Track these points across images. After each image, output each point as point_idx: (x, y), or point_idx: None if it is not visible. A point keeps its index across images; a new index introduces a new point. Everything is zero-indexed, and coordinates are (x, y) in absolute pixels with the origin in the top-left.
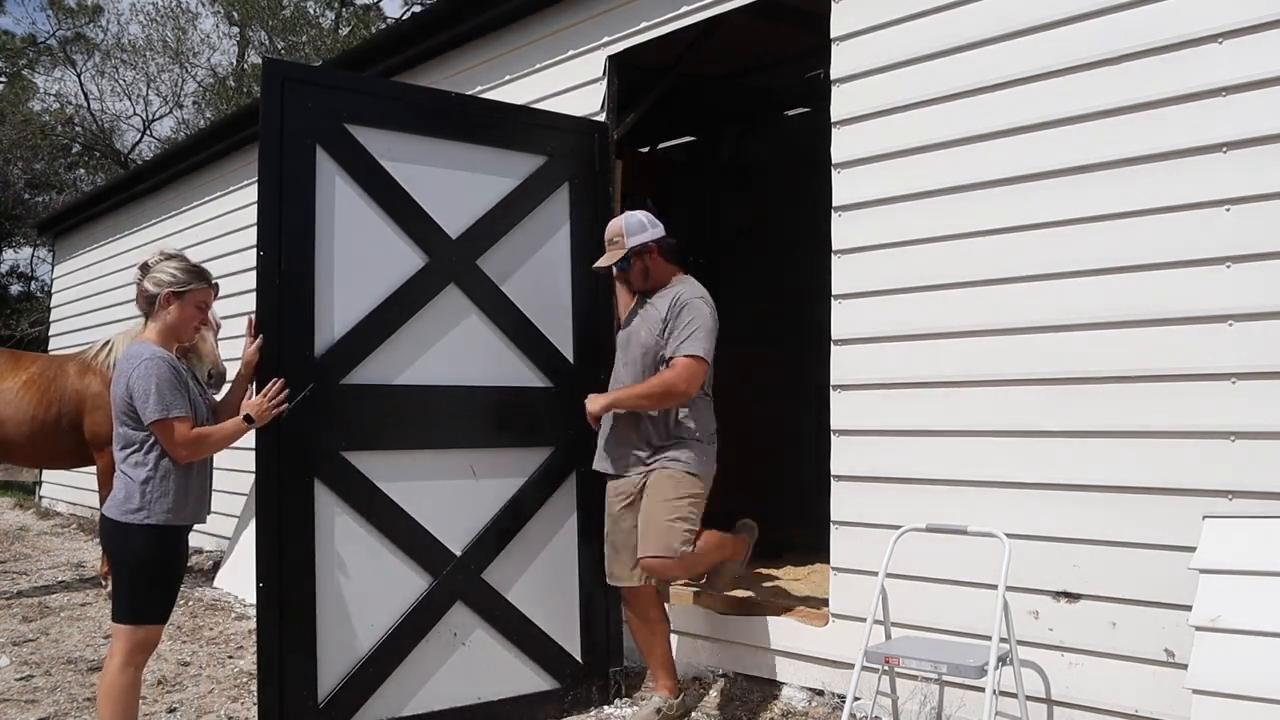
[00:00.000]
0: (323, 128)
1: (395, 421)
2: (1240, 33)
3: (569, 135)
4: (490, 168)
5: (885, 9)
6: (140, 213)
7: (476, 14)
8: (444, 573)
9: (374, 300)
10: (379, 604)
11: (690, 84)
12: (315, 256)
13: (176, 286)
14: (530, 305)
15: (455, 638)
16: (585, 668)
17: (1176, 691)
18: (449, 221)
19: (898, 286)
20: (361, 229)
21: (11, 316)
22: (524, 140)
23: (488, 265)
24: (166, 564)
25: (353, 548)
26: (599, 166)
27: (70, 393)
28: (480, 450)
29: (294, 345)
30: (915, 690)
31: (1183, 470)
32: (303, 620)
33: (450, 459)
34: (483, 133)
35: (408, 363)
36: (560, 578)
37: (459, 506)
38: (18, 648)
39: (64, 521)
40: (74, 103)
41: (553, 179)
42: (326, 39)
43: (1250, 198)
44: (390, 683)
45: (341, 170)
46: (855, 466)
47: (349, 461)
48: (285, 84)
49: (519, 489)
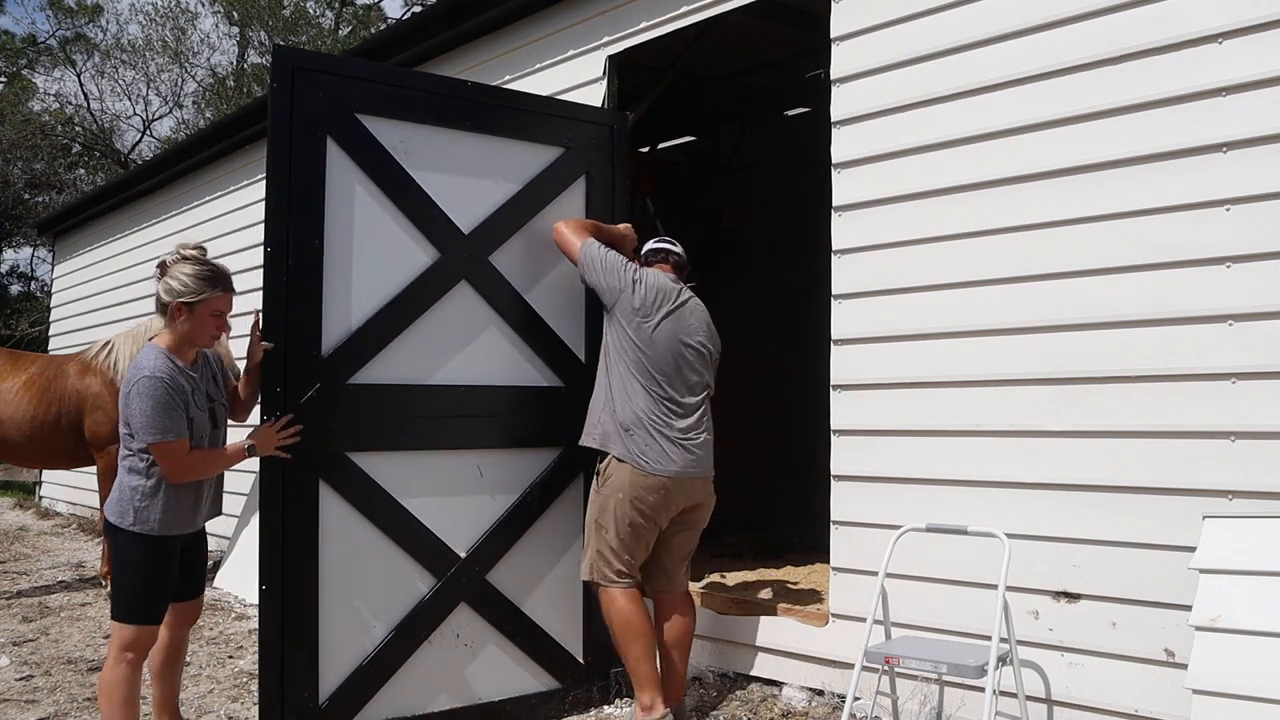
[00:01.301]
0: (334, 118)
1: (402, 422)
2: (1240, 33)
3: (587, 126)
4: (506, 159)
5: (885, 9)
6: (140, 213)
7: (476, 14)
8: (448, 574)
9: (384, 298)
10: (382, 605)
11: (690, 84)
12: (324, 253)
13: (188, 297)
14: (542, 302)
15: (458, 639)
16: (587, 668)
17: (1176, 691)
18: (462, 216)
19: (898, 286)
20: (373, 224)
21: (11, 316)
22: (541, 131)
23: (501, 261)
24: (157, 570)
25: (357, 549)
26: (616, 159)
27: (70, 393)
28: (488, 451)
29: (300, 344)
30: (915, 690)
31: (1183, 470)
32: (305, 620)
33: (457, 459)
34: (499, 123)
35: (416, 362)
36: (564, 578)
37: (465, 508)
38: (18, 648)
39: (64, 521)
40: (74, 103)
41: (570, 171)
42: (327, 39)
43: (1250, 198)
44: (392, 683)
45: (353, 163)
46: (855, 466)
47: (354, 462)
48: (296, 73)
49: (526, 490)
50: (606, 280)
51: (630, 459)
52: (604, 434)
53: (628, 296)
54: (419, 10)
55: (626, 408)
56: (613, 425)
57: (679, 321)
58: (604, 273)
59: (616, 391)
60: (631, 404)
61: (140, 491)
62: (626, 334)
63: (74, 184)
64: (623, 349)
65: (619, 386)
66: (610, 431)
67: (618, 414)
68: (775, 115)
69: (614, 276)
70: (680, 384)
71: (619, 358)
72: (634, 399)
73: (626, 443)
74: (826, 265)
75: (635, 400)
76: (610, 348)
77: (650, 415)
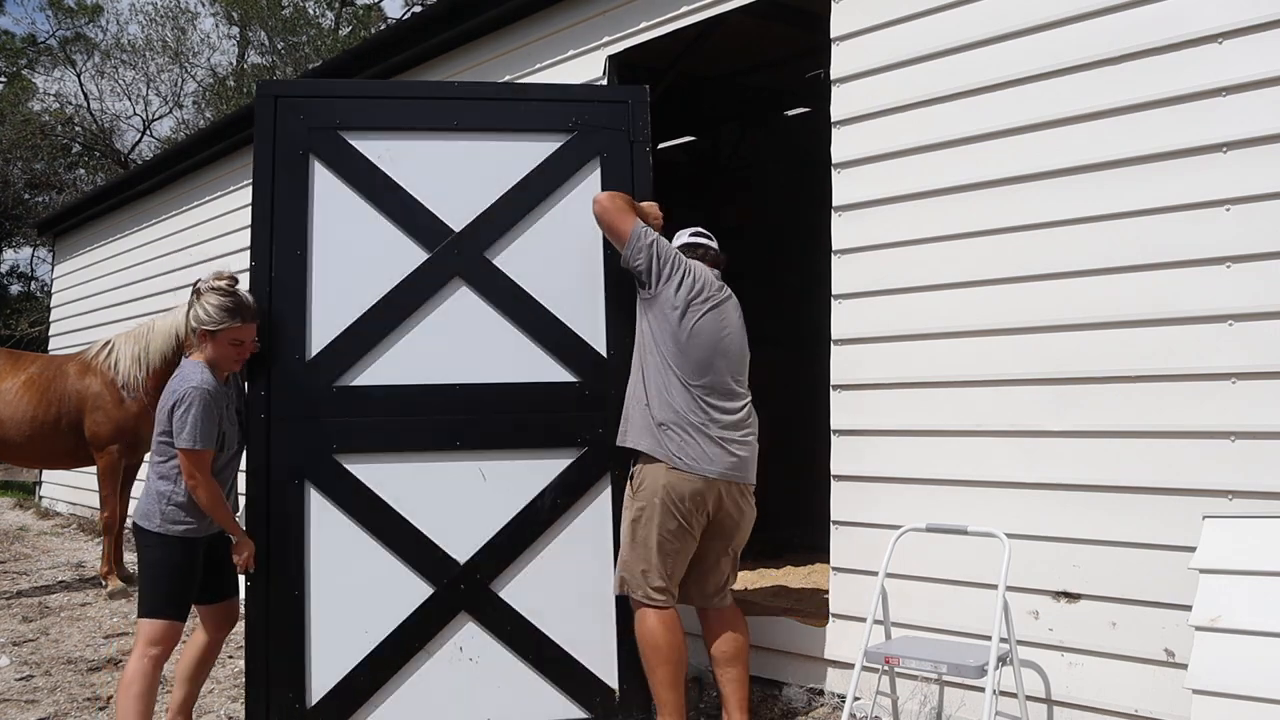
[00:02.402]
0: (317, 139)
1: (394, 424)
2: (1240, 33)
3: (597, 107)
4: (501, 156)
5: (885, 9)
6: (140, 213)
7: (476, 14)
8: (445, 582)
9: (370, 301)
10: (374, 612)
11: (690, 84)
12: (309, 264)
13: (210, 325)
14: (554, 296)
15: (461, 653)
16: (622, 697)
17: (1176, 691)
18: (453, 216)
19: (898, 286)
20: (359, 232)
21: (11, 316)
22: (537, 119)
23: (500, 256)
24: (181, 567)
25: (346, 552)
26: (635, 137)
27: (70, 393)
28: (490, 452)
29: (284, 349)
30: (915, 690)
31: (1183, 470)
32: (291, 623)
33: (457, 462)
34: (487, 120)
35: (406, 363)
36: (594, 594)
37: (467, 514)
38: (18, 648)
39: (64, 521)
40: (74, 103)
41: (579, 157)
42: (327, 39)
43: (1250, 198)
44: (385, 694)
45: (338, 178)
46: (855, 466)
47: (343, 465)
48: (278, 102)
49: (537, 495)
50: (656, 266)
51: (666, 458)
52: (637, 431)
53: (674, 286)
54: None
55: (663, 404)
56: (646, 422)
57: (721, 317)
58: (655, 257)
59: (652, 386)
60: (669, 399)
61: (169, 498)
62: (667, 325)
63: (74, 184)
64: (661, 341)
65: (654, 381)
66: (643, 428)
67: (652, 410)
68: (775, 115)
69: (664, 263)
70: (721, 382)
71: (655, 350)
72: (671, 394)
73: (662, 440)
74: (826, 265)
75: (673, 396)
76: (646, 339)
77: (689, 412)
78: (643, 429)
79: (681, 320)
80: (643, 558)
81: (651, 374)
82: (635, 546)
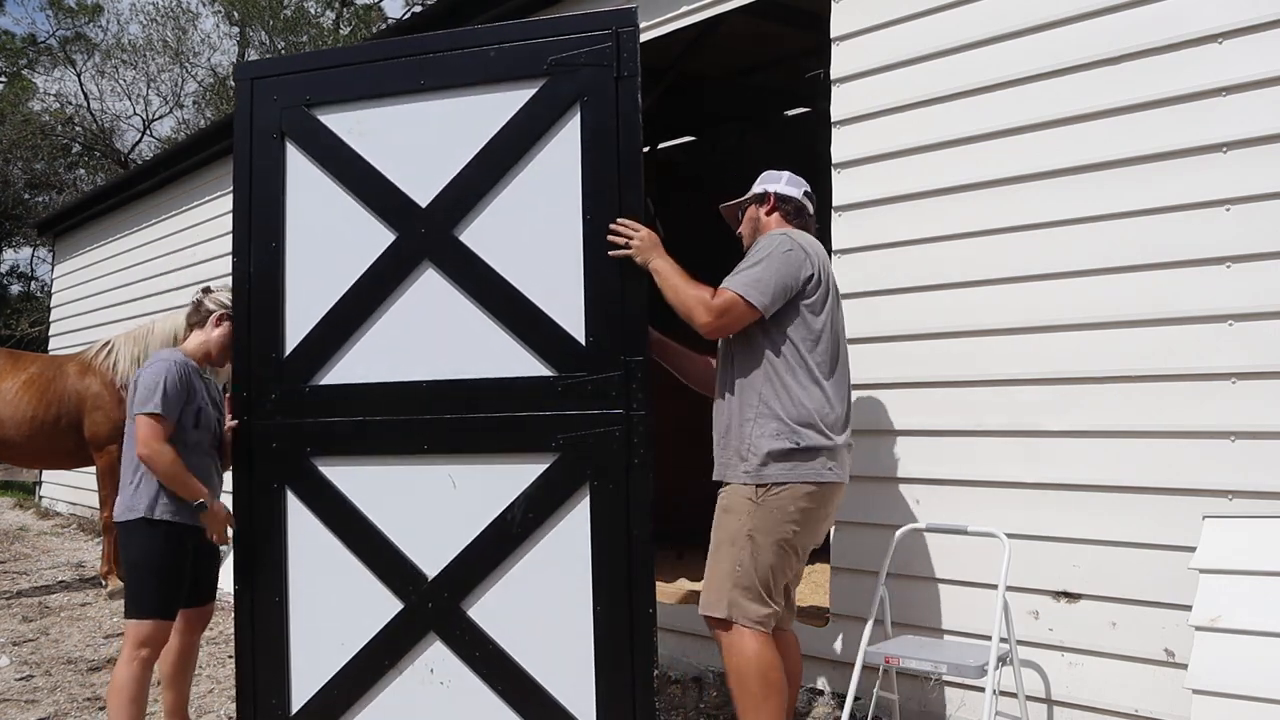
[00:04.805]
0: (289, 119)
1: (365, 425)
2: (1240, 33)
3: (574, 42)
4: (474, 114)
5: (885, 9)
6: (140, 213)
7: (475, 14)
8: (414, 599)
9: (341, 291)
10: (349, 624)
11: (690, 84)
12: (284, 254)
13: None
14: (527, 277)
15: (433, 674)
16: None
17: (1176, 691)
18: (420, 190)
19: (898, 286)
20: (332, 217)
21: (11, 316)
22: (512, 67)
23: (467, 232)
24: (168, 564)
25: (322, 561)
26: (623, 72)
27: (70, 393)
28: (459, 456)
29: (262, 347)
30: (915, 690)
31: (1183, 470)
32: (273, 629)
33: (428, 467)
34: (461, 75)
35: (376, 358)
36: (568, 624)
37: (438, 525)
38: (18, 648)
39: (64, 521)
40: (74, 103)
41: (554, 105)
42: (327, 39)
43: (1250, 198)
44: (359, 709)
45: (309, 159)
46: (855, 466)
47: (319, 470)
48: (254, 85)
49: (507, 507)
50: (789, 294)
51: (800, 467)
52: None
53: (805, 291)
54: (419, 10)
55: (798, 407)
56: (770, 433)
57: (838, 295)
58: (785, 292)
59: (779, 392)
60: (807, 399)
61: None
62: (805, 324)
63: (74, 184)
64: (792, 344)
65: (782, 385)
66: (767, 446)
67: (785, 414)
68: (775, 115)
69: (794, 281)
70: (843, 374)
71: (784, 355)
72: (808, 393)
73: (791, 446)
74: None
75: (809, 396)
76: (766, 346)
77: (821, 413)
78: (765, 446)
79: (814, 314)
80: (757, 575)
81: (774, 379)
82: (751, 561)
